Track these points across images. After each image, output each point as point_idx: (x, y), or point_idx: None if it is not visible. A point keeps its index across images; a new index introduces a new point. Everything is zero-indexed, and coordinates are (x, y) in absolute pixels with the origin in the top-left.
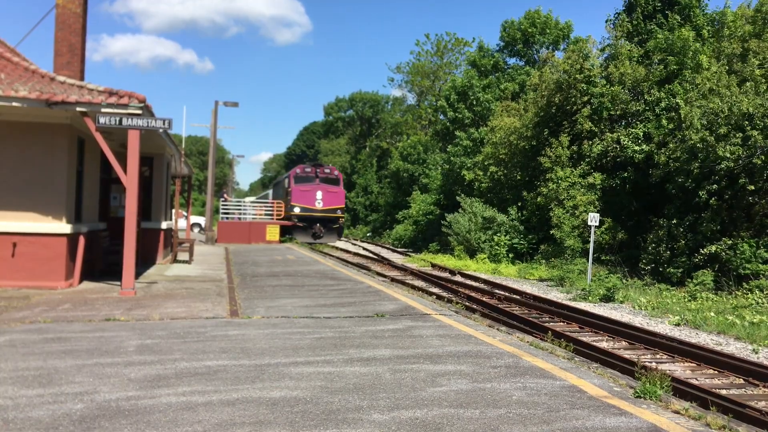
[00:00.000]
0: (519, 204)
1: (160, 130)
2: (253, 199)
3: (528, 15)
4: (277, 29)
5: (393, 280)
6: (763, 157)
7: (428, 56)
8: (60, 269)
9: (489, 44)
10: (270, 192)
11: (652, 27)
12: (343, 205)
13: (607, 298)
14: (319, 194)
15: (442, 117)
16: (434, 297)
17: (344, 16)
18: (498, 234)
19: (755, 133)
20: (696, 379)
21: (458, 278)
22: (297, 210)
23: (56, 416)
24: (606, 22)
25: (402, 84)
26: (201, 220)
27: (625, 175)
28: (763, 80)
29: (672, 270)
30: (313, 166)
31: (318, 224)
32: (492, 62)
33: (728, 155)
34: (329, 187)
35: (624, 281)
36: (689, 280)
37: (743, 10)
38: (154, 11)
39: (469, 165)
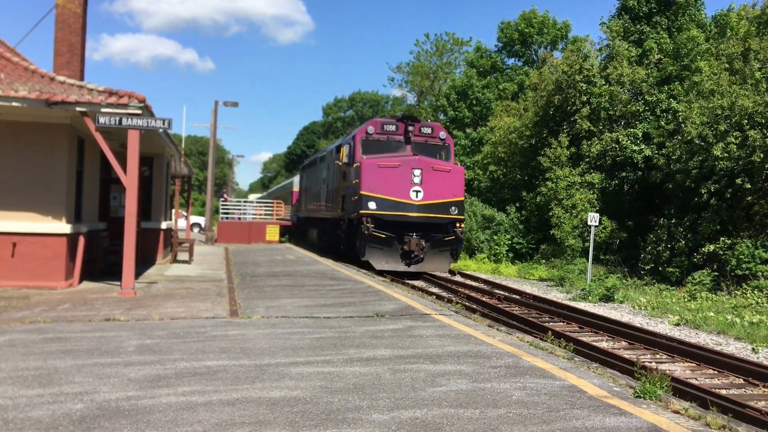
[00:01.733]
0: (518, 204)
1: (160, 130)
2: (259, 196)
3: (524, 15)
4: (279, 29)
5: (393, 280)
6: (762, 155)
7: (428, 56)
8: (60, 269)
9: (488, 45)
10: (295, 180)
11: (646, 29)
12: (462, 198)
13: (607, 298)
14: (416, 175)
15: (442, 117)
16: (434, 297)
17: (346, 15)
18: (498, 233)
19: (753, 132)
20: (696, 379)
21: (458, 278)
22: (372, 205)
23: (56, 416)
24: (600, 24)
25: (402, 84)
26: (201, 220)
27: (624, 174)
28: (764, 81)
29: (671, 270)
30: (400, 120)
31: (414, 235)
32: (490, 63)
33: (726, 154)
34: (434, 161)
35: (624, 281)
36: (688, 279)
37: (746, 9)
38: (155, 10)
39: (468, 164)
